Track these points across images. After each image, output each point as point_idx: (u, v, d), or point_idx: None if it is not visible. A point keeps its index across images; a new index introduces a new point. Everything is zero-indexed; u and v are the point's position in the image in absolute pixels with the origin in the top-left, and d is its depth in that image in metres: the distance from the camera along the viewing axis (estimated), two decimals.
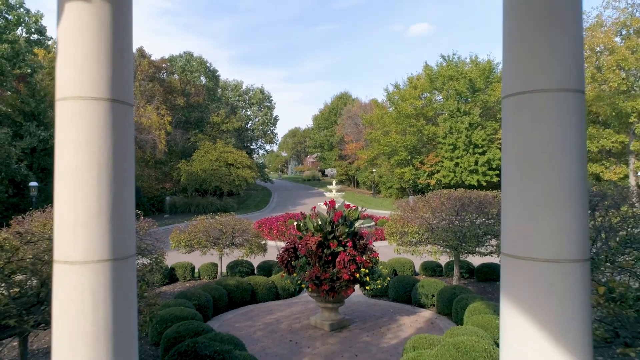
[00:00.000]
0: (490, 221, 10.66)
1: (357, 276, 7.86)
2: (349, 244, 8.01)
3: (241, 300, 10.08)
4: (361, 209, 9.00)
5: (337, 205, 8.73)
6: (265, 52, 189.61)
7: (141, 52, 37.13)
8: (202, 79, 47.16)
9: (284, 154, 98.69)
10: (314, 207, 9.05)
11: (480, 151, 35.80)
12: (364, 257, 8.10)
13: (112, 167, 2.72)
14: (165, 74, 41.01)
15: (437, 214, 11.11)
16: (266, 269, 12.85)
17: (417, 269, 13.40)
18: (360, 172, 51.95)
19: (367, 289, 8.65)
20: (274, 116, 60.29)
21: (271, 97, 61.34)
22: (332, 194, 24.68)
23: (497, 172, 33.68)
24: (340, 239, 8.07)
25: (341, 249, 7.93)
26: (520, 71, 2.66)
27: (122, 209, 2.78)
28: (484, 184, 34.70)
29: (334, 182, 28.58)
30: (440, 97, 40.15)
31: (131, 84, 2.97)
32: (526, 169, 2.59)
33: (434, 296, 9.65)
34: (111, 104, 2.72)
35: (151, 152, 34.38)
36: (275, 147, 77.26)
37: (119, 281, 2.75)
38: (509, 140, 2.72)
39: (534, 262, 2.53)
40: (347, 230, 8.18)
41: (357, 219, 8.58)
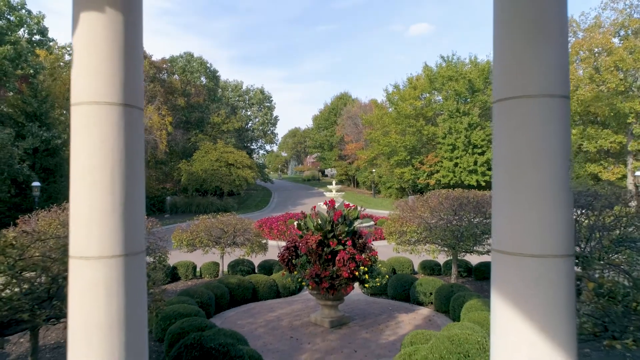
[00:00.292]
0: (487, 220, 10.79)
1: (357, 274, 8.01)
2: (349, 243, 8.17)
3: (243, 298, 10.23)
4: (360, 208, 9.13)
5: (336, 204, 8.88)
6: (265, 52, 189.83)
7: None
8: (202, 79, 47.35)
9: (284, 154, 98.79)
10: (314, 206, 9.19)
11: (479, 151, 35.91)
12: (363, 256, 8.25)
13: (124, 168, 2.88)
14: (165, 75, 41.20)
15: (436, 214, 11.26)
16: (267, 268, 13.00)
17: (415, 267, 13.55)
18: (360, 172, 52.04)
19: (367, 286, 8.80)
20: (274, 116, 60.50)
21: (271, 97, 61.62)
22: (332, 193, 24.81)
23: None
24: (339, 237, 8.23)
25: (341, 247, 8.08)
26: (509, 77, 2.82)
27: (133, 208, 2.94)
28: (483, 184, 34.80)
29: (334, 182, 28.72)
30: (439, 98, 40.27)
31: (141, 89, 3.13)
32: (514, 170, 2.75)
33: (432, 294, 9.81)
34: (123, 108, 2.88)
35: (152, 153, 34.56)
36: (275, 147, 77.39)
37: (131, 276, 2.91)
38: (499, 143, 2.88)
39: (521, 257, 2.70)
40: (346, 229, 8.34)
41: (357, 218, 8.73)
